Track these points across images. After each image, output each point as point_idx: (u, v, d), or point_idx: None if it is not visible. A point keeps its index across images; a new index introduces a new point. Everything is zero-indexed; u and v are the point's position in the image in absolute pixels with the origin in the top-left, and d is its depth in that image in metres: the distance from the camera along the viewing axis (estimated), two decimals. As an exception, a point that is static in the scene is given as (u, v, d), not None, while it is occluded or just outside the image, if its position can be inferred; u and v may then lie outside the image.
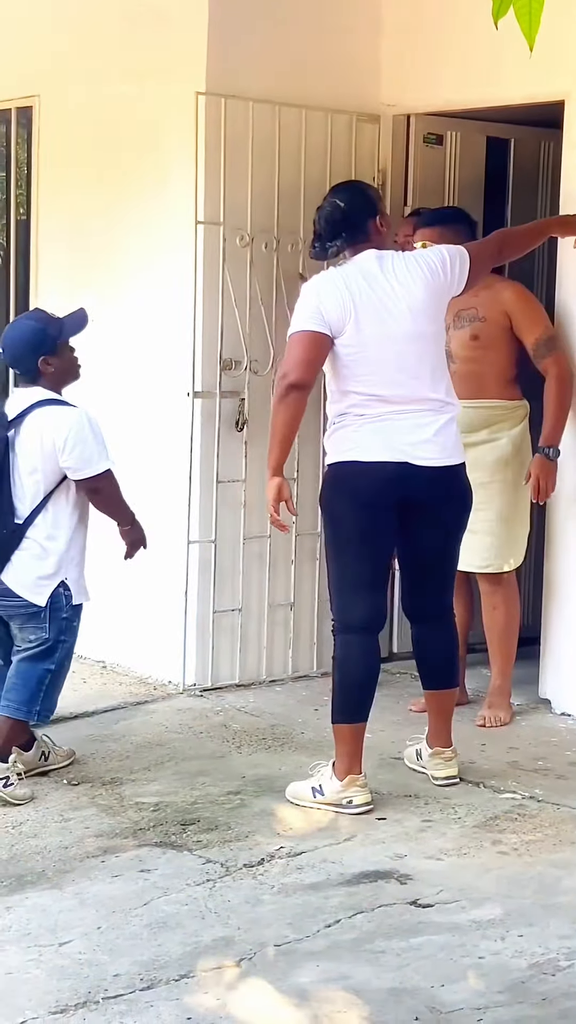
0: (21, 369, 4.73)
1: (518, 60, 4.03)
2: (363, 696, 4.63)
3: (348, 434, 4.53)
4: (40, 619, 4.62)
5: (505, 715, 5.43)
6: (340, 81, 5.92)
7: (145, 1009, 3.28)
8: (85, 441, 4.59)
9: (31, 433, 4.60)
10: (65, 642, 4.68)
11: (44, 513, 4.63)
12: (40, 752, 4.81)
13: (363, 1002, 3.32)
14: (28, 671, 4.64)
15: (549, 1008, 3.30)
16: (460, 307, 5.29)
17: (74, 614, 4.69)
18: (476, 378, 5.35)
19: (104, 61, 6.02)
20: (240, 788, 4.71)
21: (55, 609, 4.63)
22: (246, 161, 5.61)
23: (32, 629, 4.63)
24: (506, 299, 5.36)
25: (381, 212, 4.68)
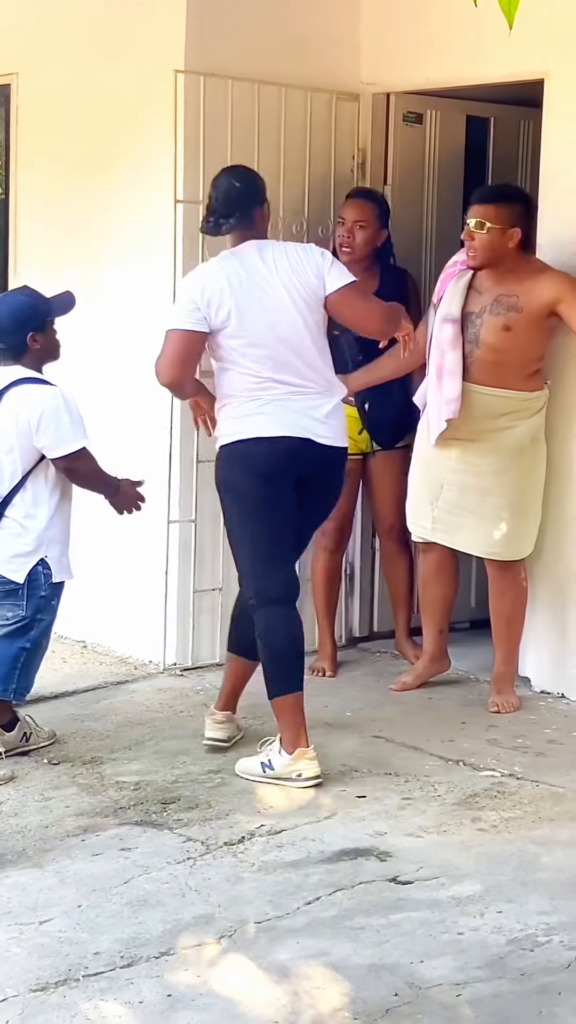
0: (7, 344, 4.68)
1: (498, 38, 4.02)
2: (294, 666, 4.67)
3: (247, 413, 4.62)
4: (18, 596, 4.63)
5: (515, 700, 5.39)
6: (320, 60, 5.90)
7: (125, 986, 3.30)
8: (60, 420, 4.59)
9: (7, 412, 4.60)
10: (42, 620, 4.68)
11: (23, 492, 4.63)
12: (22, 732, 4.81)
13: (343, 978, 3.34)
14: (3, 649, 4.65)
15: (528, 983, 3.32)
16: (500, 292, 5.22)
17: (53, 592, 4.69)
18: (501, 367, 5.25)
19: (83, 39, 5.99)
20: (220, 767, 4.72)
21: (33, 587, 4.63)
22: (225, 140, 5.59)
23: (9, 606, 4.64)
24: (553, 287, 5.16)
25: (266, 202, 4.76)
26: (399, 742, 4.97)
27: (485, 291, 5.26)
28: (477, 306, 5.26)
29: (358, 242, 5.61)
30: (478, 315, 5.26)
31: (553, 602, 5.56)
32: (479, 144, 6.30)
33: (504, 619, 5.46)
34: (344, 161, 6.01)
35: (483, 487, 5.35)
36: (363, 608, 6.27)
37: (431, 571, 5.58)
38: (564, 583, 5.52)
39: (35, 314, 4.70)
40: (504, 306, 5.23)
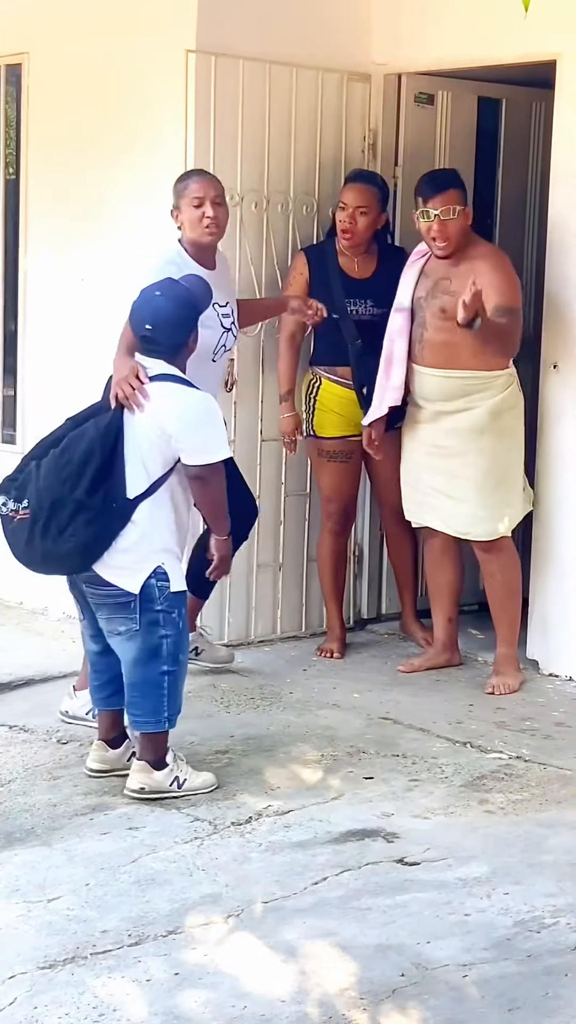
0: (166, 346, 4.33)
1: (510, 19, 4.02)
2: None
3: None
4: (130, 609, 4.26)
5: (514, 681, 5.38)
6: (331, 40, 5.88)
7: (133, 964, 3.31)
8: (205, 425, 4.29)
9: (151, 409, 4.26)
10: (168, 636, 4.30)
11: (154, 494, 4.29)
12: (129, 751, 4.47)
13: (350, 958, 3.35)
14: (144, 677, 4.31)
15: (534, 965, 3.33)
16: (441, 276, 5.31)
17: (172, 605, 4.30)
18: (449, 348, 5.31)
19: (94, 18, 5.97)
20: (228, 747, 4.73)
21: (147, 599, 4.27)
22: (236, 120, 5.58)
23: (121, 620, 4.28)
24: (477, 269, 5.20)
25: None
26: (406, 724, 4.98)
27: (431, 274, 5.36)
28: (424, 291, 5.36)
29: (360, 227, 5.58)
30: (425, 299, 5.36)
31: (560, 585, 5.56)
32: (491, 125, 6.28)
33: (497, 601, 5.49)
34: (355, 142, 5.99)
35: (449, 468, 5.43)
36: (371, 590, 6.27)
37: (435, 557, 5.61)
38: (571, 565, 5.52)
39: (196, 309, 4.41)
40: (441, 290, 5.31)
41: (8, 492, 4.33)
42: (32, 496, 4.27)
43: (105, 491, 4.24)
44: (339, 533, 5.85)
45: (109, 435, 4.27)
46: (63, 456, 4.28)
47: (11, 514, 4.30)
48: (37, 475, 4.29)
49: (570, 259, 5.44)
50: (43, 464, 4.30)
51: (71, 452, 4.27)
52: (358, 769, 4.56)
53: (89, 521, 4.23)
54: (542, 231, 5.71)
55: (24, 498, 4.28)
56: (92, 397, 6.03)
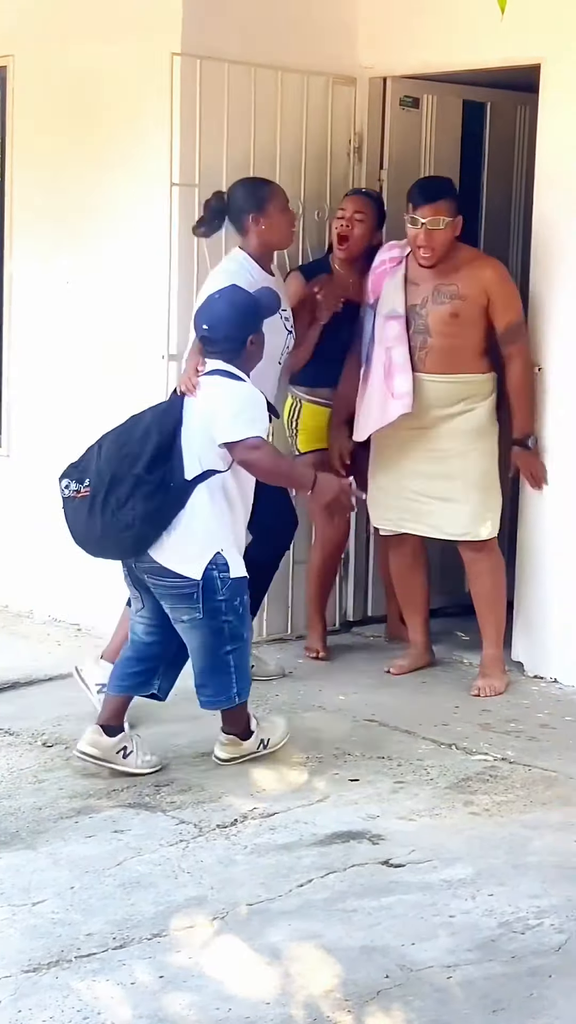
0: (228, 343, 4.51)
1: (495, 23, 4.02)
2: None
3: None
4: (193, 599, 4.40)
5: (499, 684, 5.40)
6: (316, 43, 5.89)
7: (118, 967, 3.31)
8: (237, 408, 4.44)
9: (200, 400, 4.48)
10: (229, 621, 4.44)
11: (209, 481, 4.44)
12: (122, 746, 4.54)
13: (335, 960, 3.35)
14: (210, 660, 4.46)
15: (518, 966, 3.34)
16: (439, 282, 5.32)
17: (233, 592, 4.44)
18: (453, 353, 5.36)
19: (79, 21, 5.97)
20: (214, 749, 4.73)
21: (208, 587, 4.40)
22: (221, 123, 5.58)
23: (185, 609, 4.42)
24: (487, 278, 5.32)
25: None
26: (392, 726, 4.98)
27: (423, 282, 5.35)
28: (418, 298, 5.35)
29: (356, 235, 5.56)
30: (421, 306, 5.35)
31: (545, 588, 5.57)
32: (476, 129, 6.30)
33: (485, 601, 5.49)
34: (340, 145, 6.00)
35: (448, 472, 5.43)
36: (357, 592, 6.28)
37: (407, 563, 5.64)
38: (555, 569, 5.53)
39: (257, 314, 4.60)
40: (446, 295, 5.32)
41: (70, 475, 4.52)
42: (92, 474, 4.46)
43: (163, 470, 4.42)
44: (338, 543, 5.86)
45: (168, 418, 4.50)
46: (122, 436, 4.51)
47: (73, 495, 4.49)
48: (98, 456, 4.50)
49: (555, 262, 5.46)
50: (104, 446, 4.52)
51: (130, 432, 4.51)
52: (343, 771, 4.57)
53: (147, 496, 4.39)
54: (527, 234, 5.73)
55: (85, 478, 4.48)
56: (77, 400, 6.07)
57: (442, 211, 5.22)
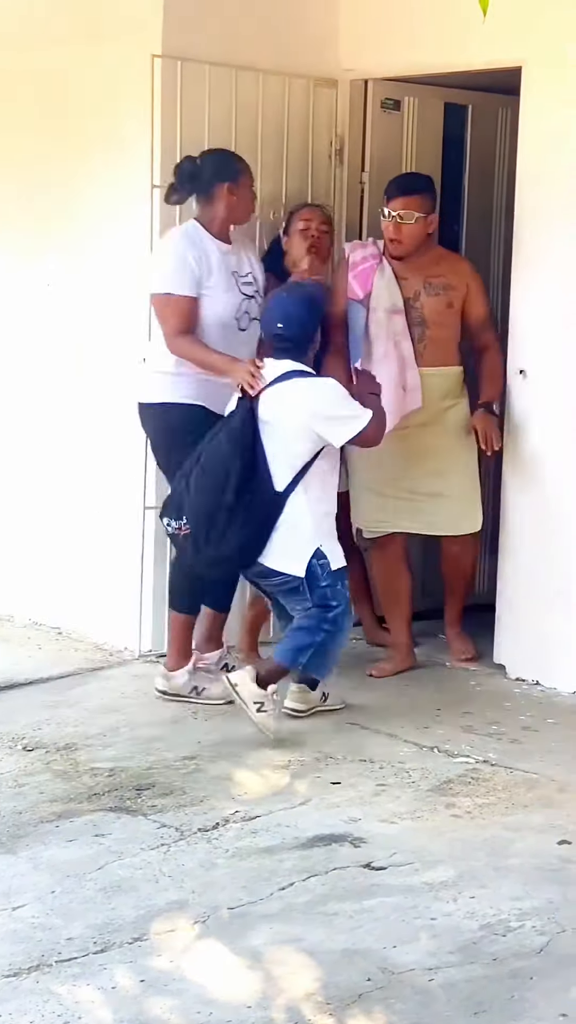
0: (294, 343, 4.81)
1: (476, 26, 4.01)
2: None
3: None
4: (299, 592, 4.77)
5: (475, 648, 5.77)
6: (298, 45, 5.88)
7: (99, 972, 3.30)
8: (338, 408, 4.77)
9: (282, 405, 4.71)
10: (337, 606, 4.80)
11: (300, 483, 4.73)
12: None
13: (316, 963, 3.35)
14: (306, 630, 4.81)
15: (500, 968, 3.34)
16: (427, 274, 5.44)
17: (335, 580, 4.79)
18: (447, 344, 5.53)
19: (60, 23, 5.95)
20: (196, 753, 4.72)
21: (312, 579, 4.74)
22: (202, 125, 5.57)
23: (298, 600, 4.78)
24: (465, 271, 5.56)
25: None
26: (374, 729, 4.98)
27: (411, 276, 5.47)
28: (409, 291, 5.44)
29: (325, 245, 5.58)
30: (414, 299, 5.45)
31: (527, 590, 5.57)
32: (457, 131, 6.29)
33: (464, 579, 5.77)
34: (322, 148, 6.00)
35: (441, 468, 5.53)
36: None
37: (392, 563, 5.67)
38: (538, 571, 5.53)
39: (321, 310, 4.88)
40: (439, 286, 5.46)
41: (169, 513, 4.88)
42: (188, 512, 4.77)
43: (252, 490, 4.70)
44: None
45: (244, 436, 4.72)
46: (204, 470, 4.74)
47: (176, 532, 4.86)
48: (187, 490, 4.77)
49: (536, 264, 5.46)
50: (191, 481, 4.78)
51: (210, 463, 4.74)
52: (325, 774, 4.56)
53: (244, 523, 4.71)
54: (508, 236, 5.73)
55: (182, 516, 4.80)
56: (55, 403, 6.05)
57: (414, 205, 5.36)
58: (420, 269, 5.46)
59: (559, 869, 3.88)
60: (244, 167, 5.23)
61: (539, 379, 5.47)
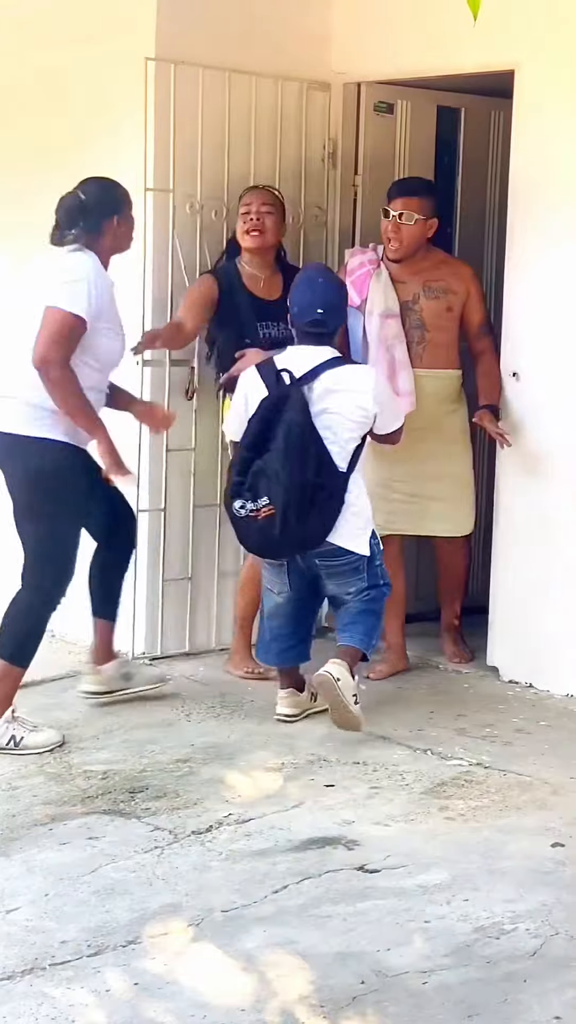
0: (330, 328, 4.86)
1: (469, 29, 4.01)
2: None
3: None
4: (359, 571, 4.87)
5: (470, 652, 5.82)
6: (291, 48, 5.89)
7: (92, 975, 3.30)
8: (389, 399, 4.95)
9: (339, 391, 4.77)
10: (385, 584, 4.97)
11: (356, 466, 4.85)
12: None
13: (310, 966, 3.35)
14: (369, 611, 4.93)
15: (494, 971, 3.34)
16: (427, 278, 5.48)
17: (381, 555, 5.00)
18: (446, 348, 5.56)
19: (53, 26, 5.95)
20: (189, 756, 4.72)
21: (372, 557, 4.90)
22: (196, 128, 5.58)
23: (354, 580, 4.88)
24: (467, 276, 5.60)
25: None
26: (367, 731, 4.97)
27: (408, 280, 5.49)
28: (408, 295, 5.46)
29: (267, 227, 5.44)
30: (413, 302, 5.47)
31: (520, 593, 5.58)
32: (450, 134, 6.31)
33: (457, 586, 5.83)
34: (315, 150, 6.00)
35: (439, 472, 5.58)
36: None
37: (388, 566, 5.64)
38: (531, 574, 5.54)
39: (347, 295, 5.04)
40: (438, 290, 5.50)
41: (241, 495, 4.77)
42: (272, 491, 4.72)
43: (327, 470, 4.75)
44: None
45: (308, 418, 4.73)
46: (287, 447, 4.71)
47: (251, 515, 4.76)
48: (267, 472, 4.72)
49: (529, 267, 5.47)
50: (268, 460, 4.74)
51: (291, 441, 4.71)
52: (319, 777, 4.56)
53: (327, 498, 4.75)
54: (501, 239, 5.74)
55: (259, 496, 4.73)
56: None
57: (414, 206, 5.39)
58: (419, 272, 5.49)
59: (552, 871, 3.88)
60: (126, 195, 4.92)
61: (532, 381, 5.48)
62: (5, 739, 4.67)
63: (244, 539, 4.93)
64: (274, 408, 4.78)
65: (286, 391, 4.77)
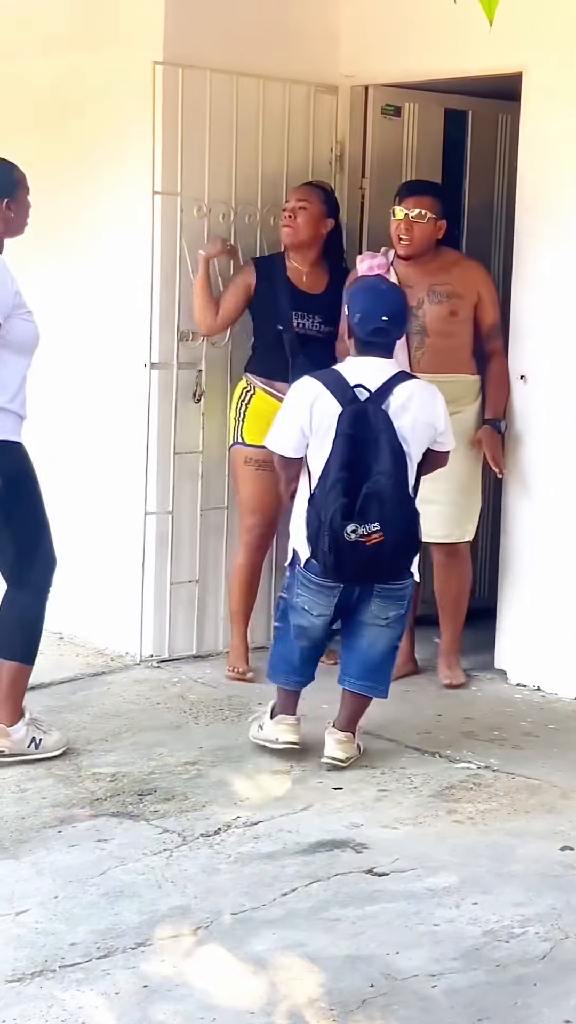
0: (393, 337, 4.63)
1: (477, 32, 4.02)
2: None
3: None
4: (404, 595, 4.62)
5: (462, 676, 5.63)
6: (298, 52, 5.89)
7: (102, 977, 3.30)
8: (449, 417, 4.68)
9: (411, 408, 4.52)
10: (408, 610, 4.75)
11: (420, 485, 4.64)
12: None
13: (319, 969, 3.35)
14: (384, 650, 4.66)
15: (503, 974, 3.34)
16: (432, 282, 5.44)
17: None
18: (449, 353, 5.48)
19: (61, 30, 5.96)
20: (197, 758, 4.72)
21: (413, 582, 4.68)
22: (203, 131, 5.58)
23: (395, 606, 4.61)
24: (478, 278, 5.54)
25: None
26: (375, 734, 4.97)
27: (415, 284, 5.43)
28: (412, 299, 5.35)
29: (300, 223, 5.50)
30: (417, 307, 5.42)
31: (528, 596, 5.58)
32: (457, 137, 6.31)
33: (452, 600, 5.66)
34: (322, 153, 6.01)
35: (437, 474, 5.41)
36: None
37: None
38: (539, 577, 5.54)
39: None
40: (442, 294, 5.46)
41: (351, 517, 4.40)
42: (385, 515, 4.40)
43: (412, 487, 4.54)
44: (257, 548, 5.68)
45: (399, 439, 4.47)
46: (396, 470, 4.43)
47: (362, 539, 4.40)
48: (381, 495, 4.40)
49: (537, 270, 5.47)
50: (379, 483, 4.41)
51: (385, 459, 4.43)
52: (327, 780, 4.56)
53: (415, 516, 4.53)
54: (508, 242, 5.74)
55: (370, 520, 4.40)
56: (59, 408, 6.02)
57: (426, 205, 5.38)
58: (427, 276, 5.45)
59: (562, 875, 3.88)
60: (21, 177, 4.69)
61: (540, 384, 5.48)
62: (27, 742, 4.62)
63: (341, 565, 4.45)
64: (359, 425, 4.44)
65: (363, 407, 4.46)
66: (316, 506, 4.47)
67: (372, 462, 4.42)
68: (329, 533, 4.41)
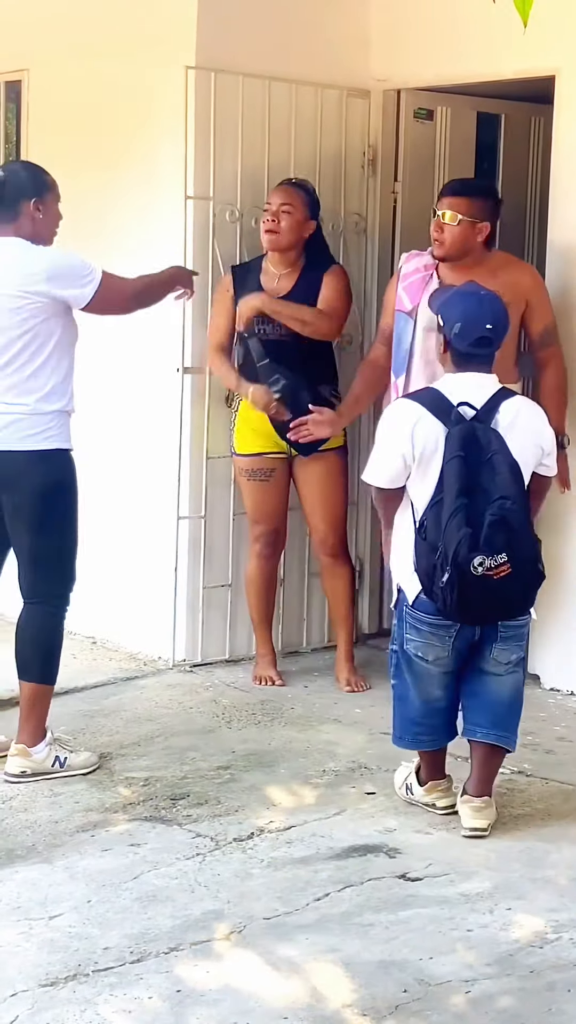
0: (495, 348, 4.21)
1: (509, 35, 4.02)
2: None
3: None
4: (523, 632, 4.22)
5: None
6: (330, 56, 5.90)
7: (135, 982, 3.30)
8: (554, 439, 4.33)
9: (518, 428, 4.13)
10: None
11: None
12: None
13: (352, 974, 3.34)
14: (519, 702, 4.29)
15: (536, 981, 3.33)
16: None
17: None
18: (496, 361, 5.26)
19: (94, 34, 5.99)
20: (230, 763, 4.72)
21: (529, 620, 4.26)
22: (236, 136, 5.59)
23: (515, 648, 4.20)
24: (526, 284, 5.20)
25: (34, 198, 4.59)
26: (408, 739, 4.96)
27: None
28: None
29: (283, 227, 5.39)
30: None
31: (561, 600, 5.55)
32: (490, 140, 6.30)
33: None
34: (355, 158, 6.00)
35: None
36: (371, 604, 6.27)
37: None
38: (571, 581, 5.51)
39: None
40: None
41: (477, 548, 3.98)
42: (510, 543, 4.00)
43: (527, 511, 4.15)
44: (267, 557, 5.64)
45: (510, 454, 4.09)
46: (507, 492, 4.03)
47: (490, 572, 3.99)
48: (511, 524, 4.01)
49: (571, 273, 5.45)
50: (499, 505, 4.00)
51: (505, 481, 4.04)
52: (360, 784, 4.56)
53: (538, 544, 4.18)
54: (541, 245, 5.73)
55: (494, 552, 3.98)
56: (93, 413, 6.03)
57: (461, 207, 5.04)
58: (471, 280, 5.05)
59: (596, 881, 3.87)
60: (53, 183, 4.68)
61: (573, 389, 5.45)
62: (50, 761, 4.57)
63: (466, 602, 4.02)
64: (470, 447, 4.04)
65: (471, 427, 4.06)
66: (430, 538, 4.04)
67: (490, 485, 4.01)
68: (453, 567, 3.97)
